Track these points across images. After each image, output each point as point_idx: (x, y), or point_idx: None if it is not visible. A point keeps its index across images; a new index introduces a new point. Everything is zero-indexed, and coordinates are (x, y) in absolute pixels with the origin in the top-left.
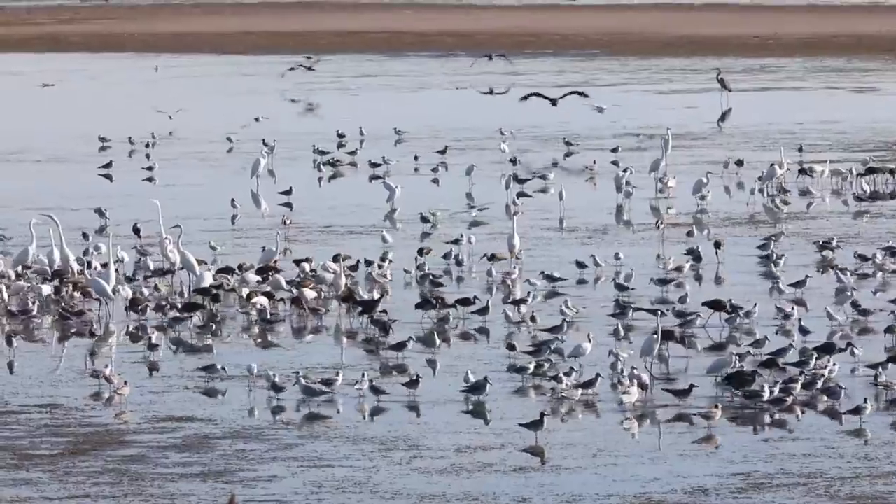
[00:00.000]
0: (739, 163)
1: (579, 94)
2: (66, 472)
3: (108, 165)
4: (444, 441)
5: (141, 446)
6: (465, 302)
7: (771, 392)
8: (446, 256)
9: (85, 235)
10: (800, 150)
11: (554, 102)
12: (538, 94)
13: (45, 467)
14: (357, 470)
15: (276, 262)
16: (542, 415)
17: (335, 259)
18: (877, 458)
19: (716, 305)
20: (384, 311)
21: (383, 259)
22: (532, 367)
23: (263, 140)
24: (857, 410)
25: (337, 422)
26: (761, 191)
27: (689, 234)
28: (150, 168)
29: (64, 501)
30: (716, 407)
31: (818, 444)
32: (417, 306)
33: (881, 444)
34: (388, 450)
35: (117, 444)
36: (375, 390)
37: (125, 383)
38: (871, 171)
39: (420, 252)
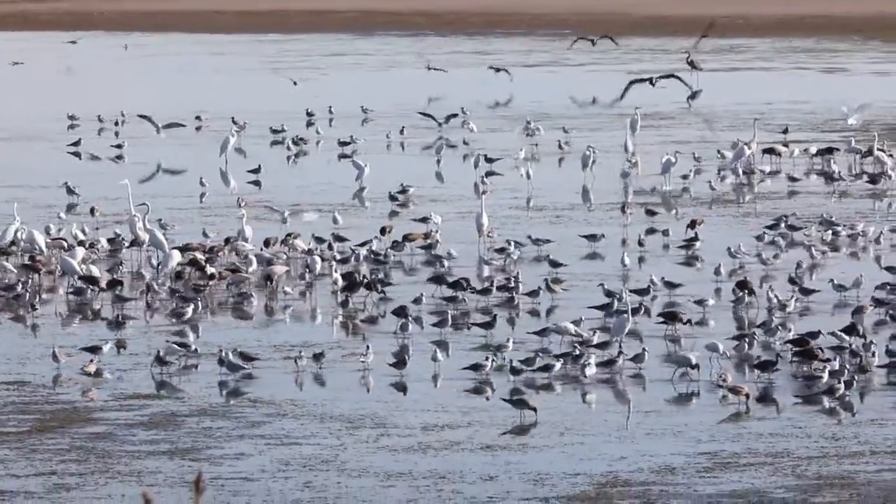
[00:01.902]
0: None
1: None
2: (33, 449)
3: (76, 143)
4: (410, 419)
5: (108, 424)
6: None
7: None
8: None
9: (92, 211)
10: (784, 131)
11: (652, 82)
12: (639, 81)
13: (12, 444)
14: (324, 448)
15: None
16: (528, 404)
17: (287, 237)
18: (844, 438)
19: (742, 285)
20: (383, 290)
21: (340, 239)
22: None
23: (233, 118)
24: (830, 391)
25: (304, 400)
26: (732, 171)
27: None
28: (119, 146)
29: (31, 478)
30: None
31: (785, 423)
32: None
33: (849, 423)
34: (356, 428)
35: (84, 422)
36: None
37: (91, 361)
38: (829, 150)
39: (382, 231)
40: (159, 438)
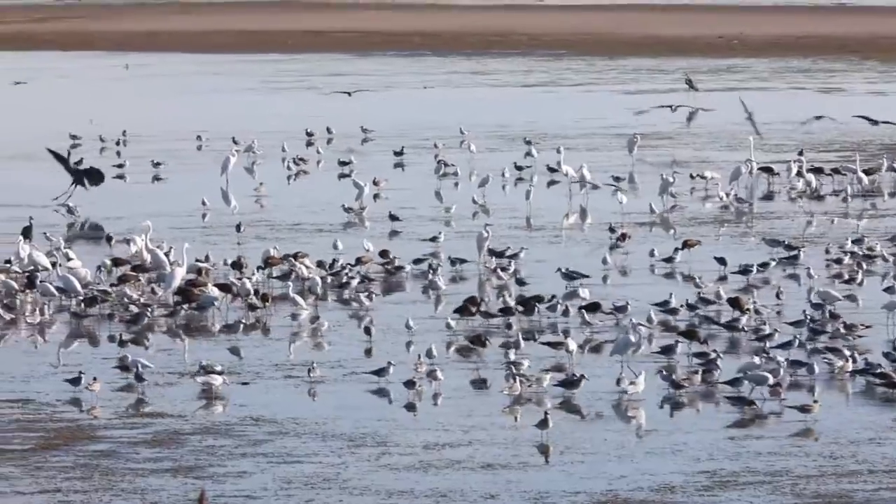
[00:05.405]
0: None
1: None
2: (38, 466)
3: (78, 163)
4: (412, 438)
5: (111, 441)
6: (538, 300)
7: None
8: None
9: (109, 239)
10: (800, 153)
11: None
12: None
13: (17, 462)
14: (326, 466)
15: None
16: (546, 414)
17: (290, 257)
18: (842, 457)
19: (734, 304)
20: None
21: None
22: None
23: (233, 138)
24: (803, 409)
25: (306, 418)
26: (728, 194)
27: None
28: (120, 165)
29: (35, 496)
30: (815, 401)
31: (784, 442)
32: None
33: (847, 442)
34: (357, 446)
35: (88, 440)
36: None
37: (95, 379)
38: (769, 169)
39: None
40: (162, 456)
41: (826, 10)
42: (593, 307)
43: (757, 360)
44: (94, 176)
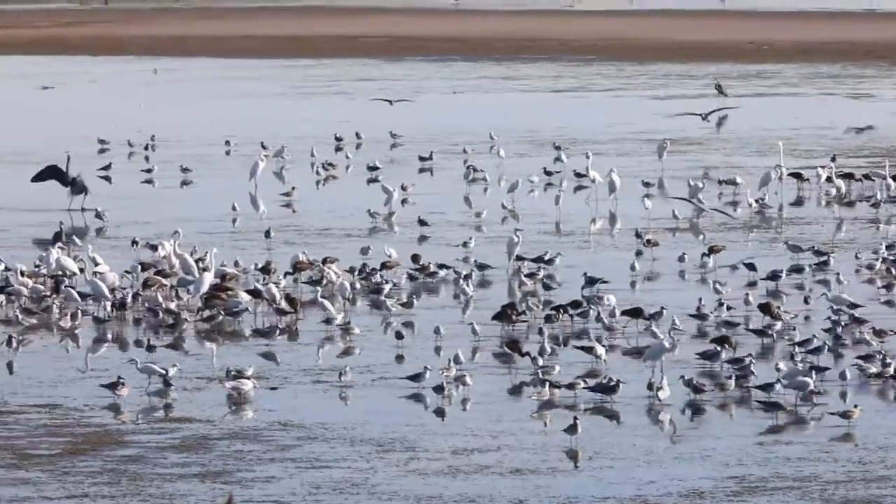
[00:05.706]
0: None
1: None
2: (65, 471)
3: (107, 167)
4: (441, 443)
5: (139, 446)
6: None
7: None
8: (441, 266)
9: (134, 242)
10: (833, 159)
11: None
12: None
13: (44, 467)
14: (355, 471)
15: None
16: (576, 419)
17: (321, 262)
18: (871, 462)
19: (765, 309)
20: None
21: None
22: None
23: (262, 143)
24: (844, 415)
25: (334, 423)
26: (759, 200)
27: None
28: (149, 170)
29: (63, 501)
30: (855, 406)
31: (812, 447)
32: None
33: (875, 448)
34: (386, 451)
35: (116, 445)
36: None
37: (123, 384)
38: (849, 175)
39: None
40: (190, 461)
41: (855, 15)
42: (635, 312)
43: (799, 366)
44: (77, 188)
